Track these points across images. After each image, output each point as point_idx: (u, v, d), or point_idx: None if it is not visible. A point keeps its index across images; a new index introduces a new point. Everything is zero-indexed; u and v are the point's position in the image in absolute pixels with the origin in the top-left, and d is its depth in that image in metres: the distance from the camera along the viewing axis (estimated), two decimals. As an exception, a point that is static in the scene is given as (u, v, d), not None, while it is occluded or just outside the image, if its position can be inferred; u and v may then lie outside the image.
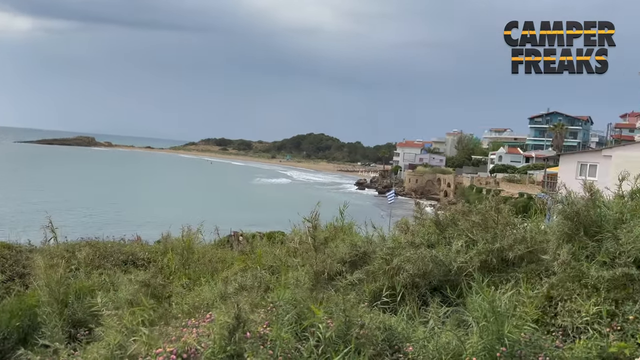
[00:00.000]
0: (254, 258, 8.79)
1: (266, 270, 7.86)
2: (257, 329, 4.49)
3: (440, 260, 6.82)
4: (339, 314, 5.02)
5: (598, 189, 6.33)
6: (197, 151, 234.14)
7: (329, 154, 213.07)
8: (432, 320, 5.39)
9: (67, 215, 42.61)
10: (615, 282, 5.33)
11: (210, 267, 8.27)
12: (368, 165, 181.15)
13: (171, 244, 9.69)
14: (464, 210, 7.83)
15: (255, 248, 9.90)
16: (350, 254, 8.34)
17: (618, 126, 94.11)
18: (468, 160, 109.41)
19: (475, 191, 68.90)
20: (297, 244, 7.90)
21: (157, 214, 48.08)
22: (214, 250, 9.53)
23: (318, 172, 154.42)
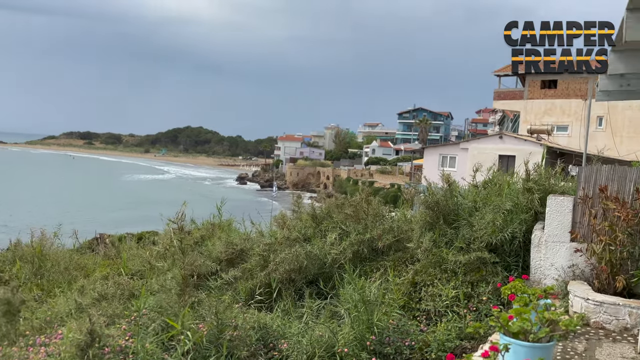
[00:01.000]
0: (120, 263, 8.12)
1: (132, 275, 7.29)
2: (118, 343, 4.10)
3: (315, 255, 6.89)
4: (211, 317, 4.80)
5: (455, 179, 6.85)
6: (57, 146, 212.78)
7: (208, 148, 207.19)
8: (307, 314, 5.41)
9: None
10: (470, 266, 5.81)
11: (67, 275, 7.45)
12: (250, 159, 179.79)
13: (21, 251, 8.58)
14: (338, 203, 8.00)
15: (122, 252, 9.16)
16: (226, 252, 8.08)
17: (474, 121, 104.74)
18: (345, 153, 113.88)
19: (352, 183, 71.98)
20: (165, 246, 7.43)
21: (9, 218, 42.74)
22: (73, 257, 8.60)
23: (197, 167, 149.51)
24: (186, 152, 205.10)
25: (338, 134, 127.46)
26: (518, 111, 34.32)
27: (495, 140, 28.31)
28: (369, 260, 6.88)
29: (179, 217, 5.82)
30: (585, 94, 30.54)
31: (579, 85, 31.48)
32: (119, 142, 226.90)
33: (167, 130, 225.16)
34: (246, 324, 4.98)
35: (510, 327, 3.19)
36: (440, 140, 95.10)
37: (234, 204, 14.96)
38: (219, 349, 4.47)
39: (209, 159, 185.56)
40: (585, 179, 5.81)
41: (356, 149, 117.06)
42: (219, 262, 7.88)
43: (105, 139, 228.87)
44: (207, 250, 8.24)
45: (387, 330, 4.86)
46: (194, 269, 5.54)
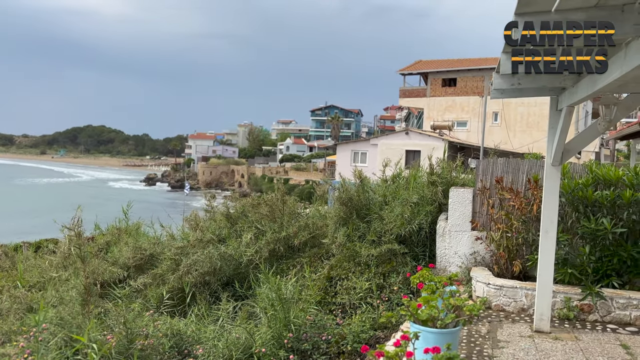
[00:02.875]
0: (15, 275, 7.45)
1: (30, 288, 6.72)
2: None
3: (230, 256, 6.77)
4: (119, 327, 4.55)
5: (367, 175, 7.07)
6: None
7: (112, 148, 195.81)
8: (222, 317, 5.30)
9: None
10: (382, 258, 6.03)
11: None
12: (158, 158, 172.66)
13: None
14: (253, 202, 7.92)
15: (18, 262, 8.41)
16: (134, 257, 7.69)
17: (382, 118, 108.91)
18: (259, 150, 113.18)
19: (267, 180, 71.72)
20: (64, 254, 6.94)
21: None
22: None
23: (100, 168, 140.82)
24: (87, 152, 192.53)
25: (252, 131, 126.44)
26: (422, 108, 36.13)
27: (402, 136, 29.59)
28: (286, 258, 6.90)
29: (75, 222, 5.41)
30: (482, 91, 32.85)
31: (476, 83, 33.77)
32: (10, 144, 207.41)
33: (66, 130, 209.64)
34: (158, 332, 4.78)
35: (419, 315, 3.35)
36: (351, 136, 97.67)
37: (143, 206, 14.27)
38: (129, 359, 4.26)
39: (113, 160, 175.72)
40: (483, 171, 6.25)
41: (270, 146, 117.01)
42: (127, 268, 7.49)
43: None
44: (112, 257, 7.80)
45: (304, 326, 4.91)
46: (97, 277, 5.20)
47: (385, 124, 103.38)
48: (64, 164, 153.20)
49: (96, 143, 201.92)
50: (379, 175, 7.84)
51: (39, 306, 5.44)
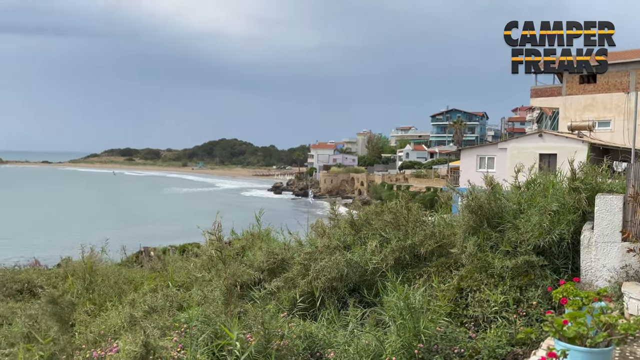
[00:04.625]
0: (166, 275, 8.32)
1: (178, 287, 7.46)
2: (170, 354, 4.20)
3: (355, 263, 6.88)
4: (258, 327, 4.86)
5: (498, 182, 6.72)
6: (100, 163, 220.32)
7: (243, 159, 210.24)
8: (351, 323, 5.39)
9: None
10: (518, 270, 5.67)
11: (116, 289, 7.69)
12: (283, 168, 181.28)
13: (72, 267, 8.92)
14: (377, 210, 7.97)
15: (167, 264, 9.39)
16: (268, 262, 8.16)
17: (510, 120, 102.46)
18: (378, 158, 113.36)
19: (386, 188, 71.48)
20: (207, 257, 7.57)
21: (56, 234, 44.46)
22: (121, 270, 8.88)
23: (233, 178, 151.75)
24: (222, 164, 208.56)
25: (371, 139, 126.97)
26: (557, 108, 33.37)
27: (535, 138, 27.58)
28: (411, 267, 6.81)
29: (215, 227, 5.92)
30: (627, 87, 29.43)
31: (619, 78, 30.36)
32: (157, 157, 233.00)
33: (203, 144, 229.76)
34: (292, 334, 5.01)
35: (566, 332, 3.10)
36: (476, 141, 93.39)
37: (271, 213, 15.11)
38: (267, 358, 4.52)
39: (244, 170, 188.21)
40: (635, 176, 5.59)
41: (389, 153, 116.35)
42: (261, 271, 7.97)
43: (145, 155, 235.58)
44: (248, 260, 8.35)
45: (434, 337, 4.80)
46: (237, 278, 5.62)
47: (514, 127, 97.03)
48: (202, 175, 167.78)
49: (229, 155, 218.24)
50: (511, 182, 7.40)
51: (187, 304, 6.04)
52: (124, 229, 41.64)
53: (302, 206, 69.21)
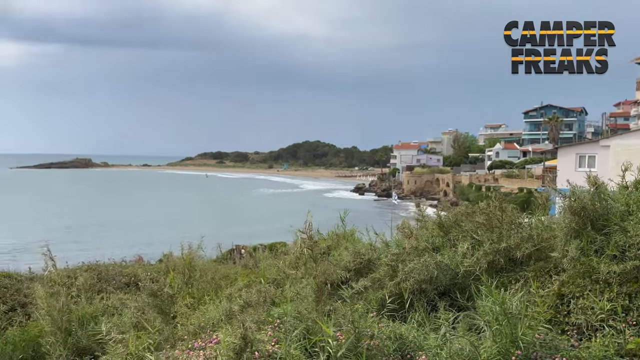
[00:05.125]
0: (258, 272, 8.67)
1: (270, 284, 7.73)
2: (265, 348, 4.38)
3: (445, 265, 6.71)
4: (348, 326, 4.91)
5: (603, 181, 6.24)
6: (194, 166, 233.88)
7: (325, 161, 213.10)
8: (443, 326, 5.28)
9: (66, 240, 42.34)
10: (626, 276, 5.22)
11: (213, 284, 8.14)
12: (365, 169, 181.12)
13: (173, 262, 9.56)
14: (467, 211, 7.73)
15: (258, 261, 9.78)
16: (354, 262, 8.22)
17: (613, 115, 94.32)
18: (465, 158, 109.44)
19: (474, 189, 68.85)
20: (297, 255, 7.78)
21: (157, 232, 47.83)
22: (217, 267, 9.38)
23: (316, 180, 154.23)
24: (305, 165, 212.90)
25: (457, 138, 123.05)
26: (669, 100, 30.26)
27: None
28: (506, 271, 6.53)
29: (307, 227, 6.07)
30: None
31: None
32: (245, 160, 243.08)
33: (288, 146, 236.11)
34: (382, 334, 5.01)
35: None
36: (574, 138, 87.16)
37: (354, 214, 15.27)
38: (358, 357, 4.56)
39: (326, 171, 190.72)
40: None
41: (477, 153, 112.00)
42: (347, 271, 8.05)
43: (234, 158, 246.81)
44: (334, 260, 8.47)
45: (533, 345, 4.57)
46: (327, 277, 5.72)
47: (617, 122, 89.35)
48: (287, 176, 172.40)
49: (312, 157, 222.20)
50: (617, 181, 6.84)
51: (279, 300, 6.25)
52: (217, 228, 43.85)
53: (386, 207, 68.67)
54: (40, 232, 41.55)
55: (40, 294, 6.85)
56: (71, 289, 7.68)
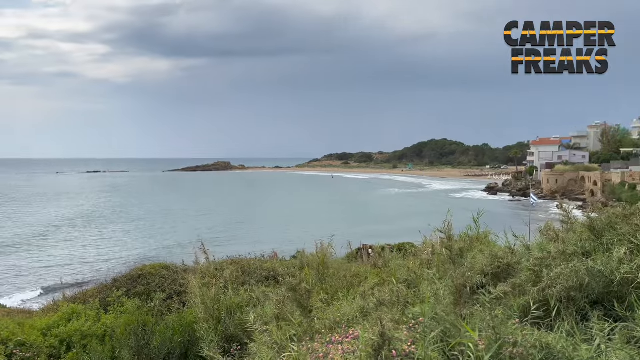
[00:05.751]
0: (388, 271, 8.69)
1: (402, 284, 7.70)
2: (402, 347, 4.38)
3: (598, 272, 6.09)
4: (488, 331, 4.71)
5: None
6: (320, 167, 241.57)
7: (453, 160, 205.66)
8: (598, 337, 4.80)
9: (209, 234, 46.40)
10: None
11: (345, 281, 8.35)
12: (498, 167, 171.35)
13: (307, 259, 10.00)
14: (624, 212, 6.93)
15: (388, 261, 9.81)
16: (491, 265, 7.84)
17: None
18: (616, 154, 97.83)
19: (628, 188, 61.34)
20: (429, 256, 7.65)
21: (287, 230, 50.34)
22: (348, 265, 9.61)
23: (443, 179, 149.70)
24: (431, 164, 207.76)
25: (605, 132, 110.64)
26: None
27: None
28: (675, 280, 5.73)
29: (446, 226, 5.94)
30: None
31: None
32: (370, 160, 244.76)
33: (412, 145, 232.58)
34: (526, 342, 4.72)
35: None
36: None
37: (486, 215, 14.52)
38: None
39: (454, 171, 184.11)
40: None
41: (630, 147, 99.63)
42: (484, 275, 7.70)
43: (359, 158, 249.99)
44: (469, 264, 8.16)
45: None
46: (466, 280, 5.54)
47: None
48: (412, 176, 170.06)
49: (439, 155, 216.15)
50: None
51: (412, 301, 6.20)
52: (344, 227, 44.81)
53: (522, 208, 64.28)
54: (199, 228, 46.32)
55: (193, 284, 7.64)
56: (219, 281, 8.42)
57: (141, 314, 7.44)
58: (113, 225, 56.30)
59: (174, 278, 11.02)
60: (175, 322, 7.30)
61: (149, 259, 17.54)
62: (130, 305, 9.09)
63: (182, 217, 63.64)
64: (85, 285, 15.90)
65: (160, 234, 49.60)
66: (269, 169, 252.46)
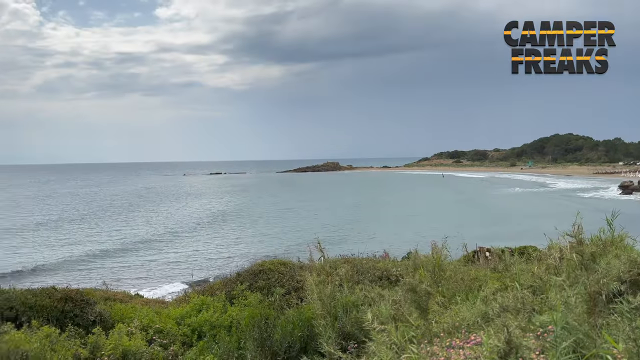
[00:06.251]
0: (510, 276, 8.26)
1: (526, 290, 7.27)
2: (530, 356, 4.15)
3: None
4: (628, 343, 4.28)
5: None
6: (430, 166, 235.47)
7: (580, 156, 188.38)
8: None
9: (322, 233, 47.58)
10: None
11: (463, 285, 8.09)
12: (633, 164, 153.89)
13: (420, 260, 9.84)
14: None
15: (509, 265, 9.31)
16: (629, 272, 7.10)
17: None
18: None
19: None
20: (557, 261, 7.14)
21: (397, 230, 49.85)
22: (465, 268, 9.28)
23: (569, 178, 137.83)
24: (554, 162, 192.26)
25: None
26: None
27: None
28: None
29: (576, 229, 5.49)
30: None
31: None
32: (484, 158, 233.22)
33: (533, 141, 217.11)
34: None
35: None
36: None
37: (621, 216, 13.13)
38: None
39: (581, 168, 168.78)
40: None
41: None
42: (621, 282, 7.00)
43: (472, 156, 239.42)
44: (603, 269, 7.46)
45: None
46: (601, 287, 5.08)
47: None
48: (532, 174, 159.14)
49: (563, 152, 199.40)
50: None
51: (539, 309, 5.83)
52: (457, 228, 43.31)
53: (664, 209, 57.03)
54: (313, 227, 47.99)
55: (310, 281, 7.91)
56: (334, 278, 8.63)
57: (263, 307, 7.88)
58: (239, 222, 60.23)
59: (291, 274, 11.49)
60: (294, 317, 7.62)
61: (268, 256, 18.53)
62: (253, 299, 9.68)
63: (298, 216, 66.07)
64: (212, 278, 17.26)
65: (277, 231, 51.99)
66: (377, 169, 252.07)
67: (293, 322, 7.45)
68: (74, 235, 50.94)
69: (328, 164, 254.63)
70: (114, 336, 7.42)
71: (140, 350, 7.37)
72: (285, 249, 36.57)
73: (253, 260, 17.98)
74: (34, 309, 9.00)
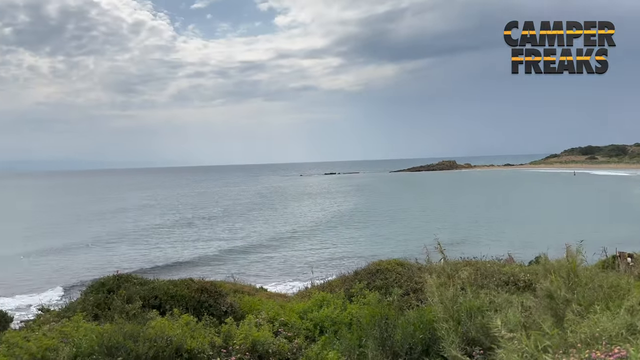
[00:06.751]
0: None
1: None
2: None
3: None
4: None
5: None
6: (559, 163, 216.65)
7: None
8: None
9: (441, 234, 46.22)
10: None
11: (601, 292, 7.37)
12: None
13: (550, 265, 9.16)
14: None
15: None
16: None
17: None
18: None
19: None
20: None
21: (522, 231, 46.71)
22: (604, 274, 8.44)
23: None
24: None
25: None
26: None
27: None
28: None
29: None
30: None
31: None
32: (623, 154, 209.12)
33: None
34: None
35: None
36: None
37: None
38: None
39: None
40: None
41: None
42: None
43: (608, 152, 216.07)
44: None
45: None
46: None
47: None
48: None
49: None
50: None
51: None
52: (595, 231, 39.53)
53: None
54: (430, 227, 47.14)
55: (430, 282, 7.76)
56: (456, 281, 8.37)
57: (383, 307, 7.90)
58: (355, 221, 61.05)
59: (409, 275, 11.36)
60: (415, 318, 7.54)
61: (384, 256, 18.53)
62: (372, 298, 9.75)
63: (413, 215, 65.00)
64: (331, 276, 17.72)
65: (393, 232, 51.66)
66: (499, 167, 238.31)
67: (414, 323, 7.38)
68: (209, 233, 55.31)
69: (444, 163, 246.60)
70: (244, 326, 7.94)
71: (268, 341, 7.81)
72: (403, 249, 36.16)
73: (369, 259, 18.07)
74: (174, 299, 9.99)
